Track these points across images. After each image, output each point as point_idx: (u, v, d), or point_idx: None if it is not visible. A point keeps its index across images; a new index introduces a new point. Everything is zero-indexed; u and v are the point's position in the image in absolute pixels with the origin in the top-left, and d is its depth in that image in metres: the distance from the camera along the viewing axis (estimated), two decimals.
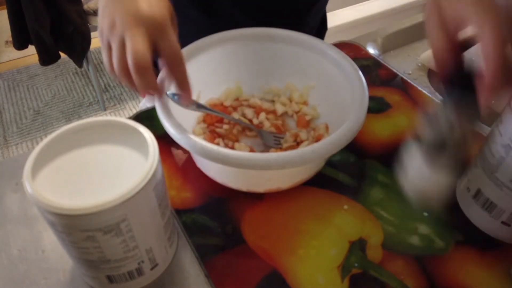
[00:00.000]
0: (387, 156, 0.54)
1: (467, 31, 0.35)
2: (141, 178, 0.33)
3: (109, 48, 0.40)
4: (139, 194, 0.33)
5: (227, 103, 0.56)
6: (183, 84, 0.43)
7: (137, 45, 0.37)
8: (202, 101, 0.55)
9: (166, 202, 0.39)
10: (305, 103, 0.57)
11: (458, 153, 0.35)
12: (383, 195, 0.49)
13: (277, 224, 0.46)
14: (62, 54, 1.66)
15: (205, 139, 0.51)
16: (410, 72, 0.71)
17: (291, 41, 0.55)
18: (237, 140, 0.53)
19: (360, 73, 0.49)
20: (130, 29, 0.38)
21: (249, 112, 0.56)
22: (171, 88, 0.48)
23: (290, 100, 0.58)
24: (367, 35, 0.77)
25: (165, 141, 0.48)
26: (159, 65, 0.43)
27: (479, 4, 0.32)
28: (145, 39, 0.38)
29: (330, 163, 0.52)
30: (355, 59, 0.56)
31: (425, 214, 0.47)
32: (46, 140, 0.36)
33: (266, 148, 0.53)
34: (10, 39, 1.66)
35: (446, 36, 0.34)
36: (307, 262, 0.43)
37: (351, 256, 0.43)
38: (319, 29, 0.76)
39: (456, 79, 0.34)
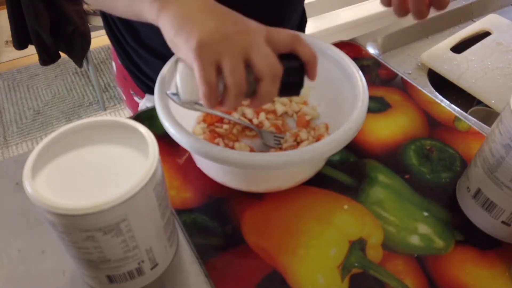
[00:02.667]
0: (387, 156, 0.54)
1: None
2: (141, 178, 0.33)
3: (214, 64, 0.34)
4: (139, 194, 0.33)
5: None
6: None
7: (270, 53, 0.35)
8: None
9: (166, 202, 0.39)
10: (305, 103, 0.57)
11: None
12: (383, 195, 0.49)
13: (277, 224, 0.46)
14: (62, 54, 1.66)
15: (205, 139, 0.51)
16: (410, 72, 0.71)
17: None
18: (237, 140, 0.53)
19: (360, 73, 0.49)
20: (251, 39, 0.34)
21: (249, 112, 0.56)
22: (171, 88, 0.48)
23: (290, 100, 0.58)
24: (367, 35, 0.77)
25: (165, 141, 0.48)
26: None
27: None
28: (269, 48, 0.35)
29: (330, 163, 0.52)
30: (355, 59, 0.56)
31: (425, 214, 0.47)
32: (46, 140, 0.36)
33: (266, 148, 0.53)
34: (10, 39, 1.66)
35: None
36: (307, 262, 0.43)
37: (351, 256, 0.43)
38: (300, 23, 0.77)
39: None
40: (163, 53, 0.66)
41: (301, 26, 0.78)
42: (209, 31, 0.34)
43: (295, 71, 0.38)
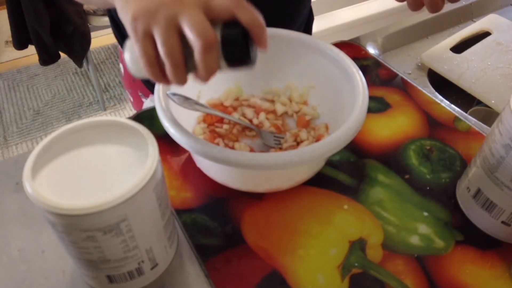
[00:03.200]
0: (387, 156, 0.54)
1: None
2: (141, 178, 0.33)
3: (147, 37, 0.34)
4: (139, 194, 0.33)
5: (227, 103, 0.56)
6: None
7: (202, 21, 0.33)
8: (202, 101, 0.55)
9: (166, 202, 0.39)
10: (305, 103, 0.57)
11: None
12: (383, 195, 0.49)
13: (277, 224, 0.46)
14: (62, 54, 1.66)
15: (205, 139, 0.51)
16: (410, 72, 0.71)
17: (291, 41, 0.55)
18: (237, 140, 0.53)
19: (360, 73, 0.49)
20: (184, 7, 0.33)
21: (249, 112, 0.56)
22: (171, 88, 0.48)
23: (290, 100, 0.58)
24: (367, 35, 0.77)
25: (165, 141, 0.48)
26: None
27: None
28: (203, 16, 0.34)
29: (330, 163, 0.52)
30: (355, 59, 0.56)
31: (425, 214, 0.47)
32: (46, 140, 0.36)
33: (266, 148, 0.53)
34: (10, 39, 1.66)
35: None
36: (307, 262, 0.43)
37: (351, 256, 0.43)
38: (307, 20, 0.77)
39: None
40: None
41: (308, 24, 0.78)
42: (143, 4, 0.34)
43: (235, 39, 0.36)
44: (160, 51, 0.34)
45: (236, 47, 0.36)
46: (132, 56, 0.38)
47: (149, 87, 0.74)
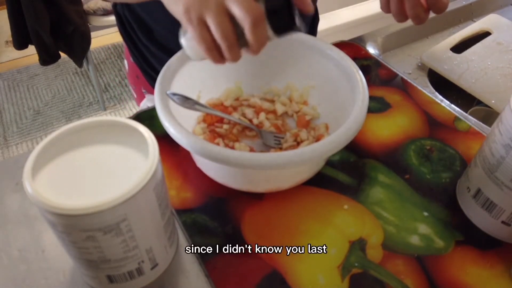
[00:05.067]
0: (387, 156, 0.54)
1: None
2: (141, 178, 0.33)
3: (201, 24, 0.37)
4: (139, 194, 0.33)
5: (227, 103, 0.56)
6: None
7: (247, 0, 0.35)
8: (202, 101, 0.55)
9: (166, 202, 0.39)
10: (305, 103, 0.57)
11: None
12: (383, 195, 0.49)
13: (277, 224, 0.46)
14: (62, 54, 1.66)
15: (205, 139, 0.51)
16: (410, 72, 0.71)
17: (291, 41, 0.55)
18: (237, 140, 0.53)
19: (360, 73, 0.49)
20: None
21: (249, 112, 0.56)
22: (172, 88, 0.48)
23: (290, 100, 0.58)
24: (367, 35, 0.77)
25: (165, 141, 0.48)
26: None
27: None
28: None
29: (330, 163, 0.52)
30: (355, 59, 0.56)
31: (425, 214, 0.47)
32: (46, 140, 0.36)
33: (266, 148, 0.53)
34: (10, 39, 1.66)
35: None
36: (307, 262, 0.43)
37: (351, 256, 0.43)
38: (312, 21, 0.77)
39: None
40: (177, 51, 0.66)
41: (313, 24, 0.78)
42: None
43: (279, 9, 0.38)
44: (215, 34, 0.36)
45: (281, 16, 0.39)
46: (188, 43, 0.41)
47: (152, 84, 0.74)
